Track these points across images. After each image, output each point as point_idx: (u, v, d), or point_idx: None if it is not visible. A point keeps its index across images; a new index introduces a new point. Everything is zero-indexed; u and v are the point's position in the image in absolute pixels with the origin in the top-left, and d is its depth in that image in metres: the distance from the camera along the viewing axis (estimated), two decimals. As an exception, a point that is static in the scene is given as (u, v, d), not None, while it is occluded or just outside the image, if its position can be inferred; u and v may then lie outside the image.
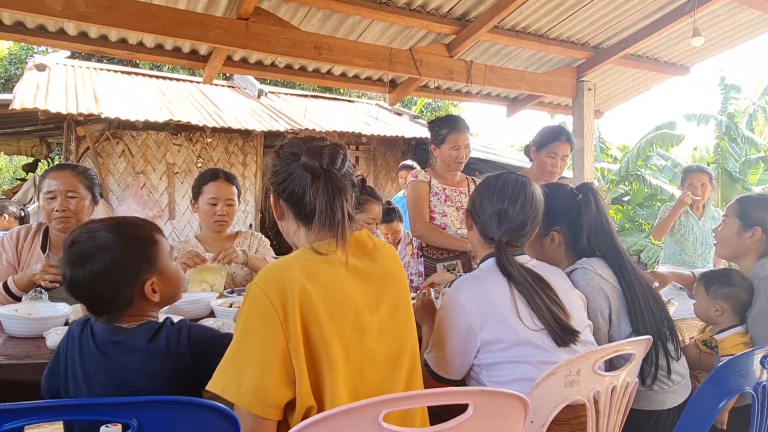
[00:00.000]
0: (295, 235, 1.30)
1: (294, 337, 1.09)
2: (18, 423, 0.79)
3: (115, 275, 1.18)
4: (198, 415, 0.87)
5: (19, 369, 1.34)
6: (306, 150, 1.26)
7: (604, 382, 1.31)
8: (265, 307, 1.09)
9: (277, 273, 1.15)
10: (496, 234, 1.52)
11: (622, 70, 5.51)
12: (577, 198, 1.77)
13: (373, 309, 1.21)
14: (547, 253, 1.78)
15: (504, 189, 1.55)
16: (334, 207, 1.22)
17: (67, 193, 2.07)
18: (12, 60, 14.53)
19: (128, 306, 1.21)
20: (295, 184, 1.25)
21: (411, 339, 1.29)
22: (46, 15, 3.44)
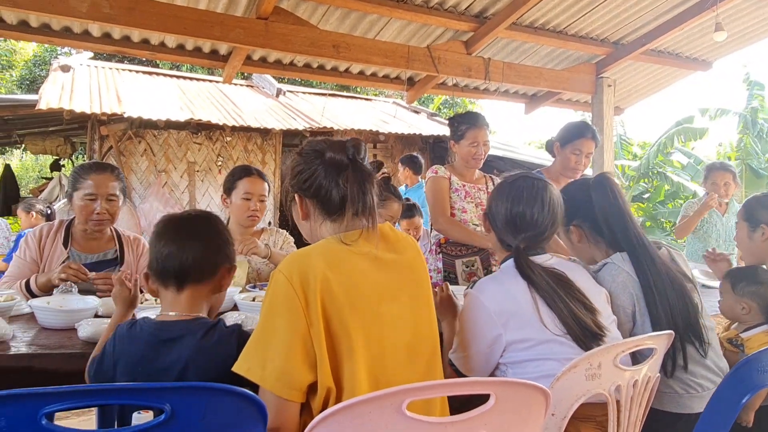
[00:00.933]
0: (320, 232, 1.33)
1: (315, 323, 1.12)
2: (56, 407, 0.83)
3: (215, 244, 1.34)
4: (228, 402, 0.90)
5: (53, 358, 1.39)
6: (329, 146, 1.31)
7: (626, 376, 1.31)
8: (288, 292, 1.13)
9: (299, 260, 1.18)
10: (512, 241, 1.51)
11: (643, 66, 5.45)
12: (588, 190, 1.74)
13: (393, 299, 1.24)
14: (575, 248, 1.78)
15: (519, 194, 1.53)
16: (365, 192, 1.27)
17: (108, 197, 2.14)
18: (36, 62, 14.85)
19: (208, 278, 1.32)
20: (322, 178, 1.29)
21: (430, 331, 1.31)
22: (71, 17, 3.52)
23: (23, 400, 0.82)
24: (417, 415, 0.92)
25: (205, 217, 1.39)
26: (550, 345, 1.37)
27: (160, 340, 1.22)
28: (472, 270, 2.63)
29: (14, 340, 1.47)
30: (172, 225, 1.34)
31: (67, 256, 2.14)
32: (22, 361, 1.37)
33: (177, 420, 0.87)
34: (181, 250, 1.28)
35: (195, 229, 1.34)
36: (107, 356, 1.24)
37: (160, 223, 1.34)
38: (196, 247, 1.30)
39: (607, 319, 1.46)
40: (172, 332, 1.23)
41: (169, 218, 1.36)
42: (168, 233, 1.31)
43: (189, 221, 1.37)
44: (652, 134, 26.17)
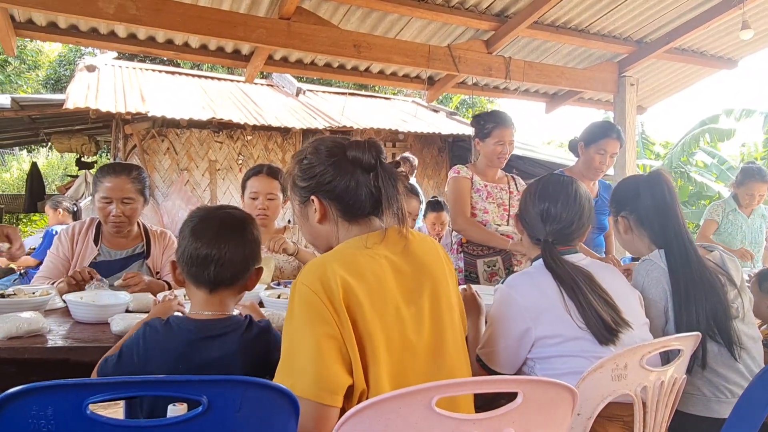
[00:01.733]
0: (338, 235, 1.29)
1: (346, 327, 1.12)
2: (101, 397, 0.86)
3: (250, 248, 1.33)
4: (263, 396, 0.92)
5: (89, 351, 1.43)
6: (349, 145, 1.27)
7: (652, 377, 1.31)
8: (314, 301, 1.12)
9: (318, 268, 1.16)
10: (541, 234, 1.56)
11: (666, 65, 5.38)
12: (639, 185, 1.80)
13: (411, 301, 1.22)
14: (623, 239, 1.85)
15: (544, 189, 1.59)
16: (398, 192, 1.25)
17: (123, 200, 2.18)
18: (61, 62, 15.15)
19: (241, 281, 1.33)
20: (347, 180, 1.25)
21: (452, 331, 1.28)
22: (99, 18, 3.59)
23: (70, 390, 0.85)
24: (446, 411, 0.94)
25: (241, 219, 1.35)
26: (579, 342, 1.38)
27: (201, 337, 1.23)
28: (493, 270, 2.63)
29: (51, 333, 1.52)
30: (211, 226, 1.31)
31: (98, 253, 2.20)
32: (59, 354, 1.42)
33: (213, 412, 0.89)
34: (219, 256, 1.27)
35: (233, 234, 1.31)
36: (135, 355, 1.24)
37: (196, 219, 1.32)
38: (234, 253, 1.28)
39: (636, 320, 1.46)
40: (214, 330, 1.25)
41: (207, 216, 1.33)
42: (206, 235, 1.29)
43: (227, 223, 1.32)
44: (674, 134, 25.79)
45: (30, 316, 1.50)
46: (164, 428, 0.89)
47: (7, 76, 14.26)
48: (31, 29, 3.98)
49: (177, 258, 1.33)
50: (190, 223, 1.32)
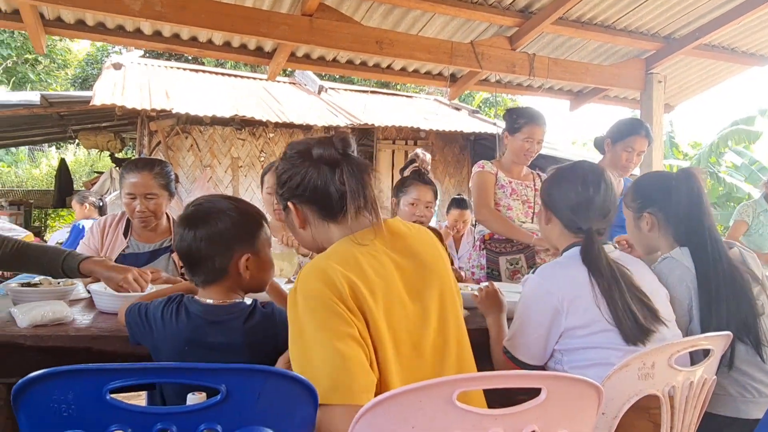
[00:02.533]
0: (325, 237, 1.26)
1: (359, 323, 1.09)
2: (121, 383, 0.86)
3: (222, 239, 1.28)
4: (281, 385, 0.92)
5: (111, 340, 1.44)
6: (315, 143, 1.23)
7: (680, 377, 1.27)
8: (325, 300, 1.08)
9: (317, 271, 1.12)
10: (584, 223, 1.50)
11: (695, 61, 5.25)
12: (671, 182, 1.74)
13: (416, 297, 1.20)
14: (643, 236, 1.79)
15: (585, 176, 1.53)
16: (364, 185, 1.20)
17: (146, 195, 2.19)
18: (89, 61, 15.47)
19: (221, 275, 1.28)
20: (315, 180, 1.21)
21: (456, 325, 1.25)
22: (125, 15, 3.64)
23: (90, 375, 0.86)
24: (467, 406, 0.92)
25: (208, 210, 1.31)
26: (607, 334, 1.35)
27: (207, 321, 1.25)
28: (516, 268, 2.60)
29: (74, 322, 1.54)
30: (184, 220, 1.32)
31: (126, 246, 2.23)
32: (82, 342, 1.43)
33: (232, 400, 0.89)
34: (193, 251, 1.28)
35: (201, 227, 1.28)
36: (154, 328, 1.27)
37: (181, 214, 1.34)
38: (204, 247, 1.27)
39: (666, 318, 1.43)
40: (218, 316, 1.26)
41: (186, 209, 1.35)
42: (180, 227, 1.31)
43: (195, 215, 1.31)
44: (703, 133, 25.20)
45: (55, 305, 1.52)
46: (183, 415, 0.89)
47: (37, 75, 14.61)
48: (59, 27, 4.06)
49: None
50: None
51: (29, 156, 15.15)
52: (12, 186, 12.05)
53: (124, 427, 0.87)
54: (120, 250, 2.22)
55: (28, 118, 6.93)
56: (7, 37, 13.38)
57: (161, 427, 0.88)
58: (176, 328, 1.24)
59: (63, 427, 0.87)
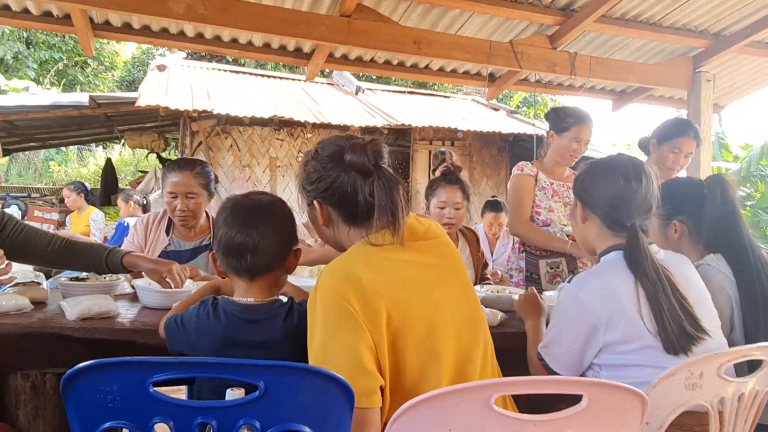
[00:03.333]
0: (345, 238, 1.29)
1: (375, 326, 1.12)
2: (163, 376, 0.88)
3: (285, 230, 1.32)
4: (319, 383, 0.92)
5: (155, 335, 1.47)
6: (349, 148, 1.25)
7: (730, 388, 1.21)
8: (340, 304, 1.11)
9: (341, 270, 1.16)
10: (627, 219, 1.40)
11: (746, 60, 5.03)
12: (702, 189, 1.68)
13: (442, 284, 1.25)
14: (670, 244, 1.71)
15: (626, 168, 1.44)
16: (394, 201, 1.22)
17: (187, 194, 2.25)
18: (134, 63, 15.98)
19: (274, 268, 1.31)
20: (344, 185, 1.24)
21: (477, 306, 1.30)
22: (169, 18, 3.74)
23: (134, 368, 0.88)
24: (505, 411, 0.90)
25: (269, 204, 1.34)
26: (649, 351, 1.29)
27: (245, 320, 1.26)
28: (556, 272, 2.54)
29: (119, 316, 1.59)
30: (240, 214, 1.30)
31: (168, 243, 2.30)
32: (127, 335, 1.48)
33: (271, 397, 0.90)
34: (253, 244, 1.26)
35: (263, 220, 1.30)
36: (191, 330, 1.28)
37: (227, 210, 1.32)
38: (266, 238, 1.28)
39: (713, 324, 1.37)
40: (257, 314, 1.27)
41: (235, 205, 1.33)
42: (236, 223, 1.29)
43: (256, 209, 1.32)
44: (755, 134, 24.17)
45: (101, 299, 1.57)
46: (223, 410, 0.91)
47: (86, 77, 15.18)
48: (107, 30, 4.21)
49: (215, 250, 1.35)
50: (222, 213, 1.33)
51: (77, 155, 15.77)
52: (62, 184, 12.58)
53: (166, 420, 0.89)
54: (162, 248, 2.28)
55: (78, 119, 7.21)
56: (58, 41, 13.96)
57: (201, 420, 0.89)
58: (213, 329, 1.25)
59: (108, 417, 0.90)
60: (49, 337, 1.46)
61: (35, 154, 14.17)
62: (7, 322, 1.46)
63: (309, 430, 0.92)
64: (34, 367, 1.50)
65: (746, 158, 9.63)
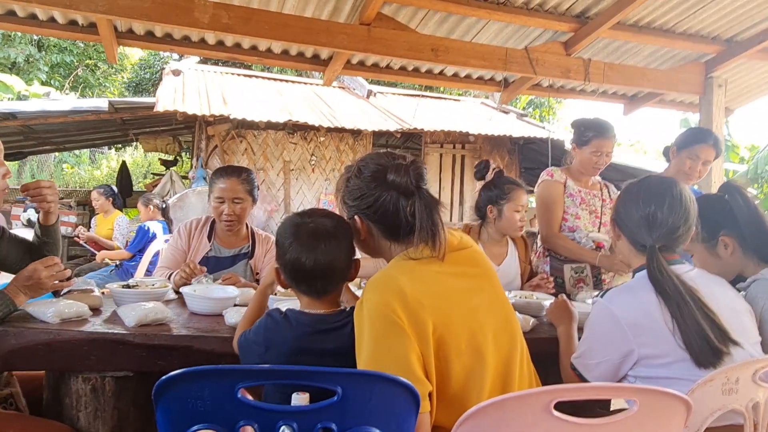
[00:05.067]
0: (385, 251, 1.37)
1: (421, 335, 1.19)
2: (251, 383, 0.96)
3: (352, 249, 1.38)
4: (391, 389, 1.00)
5: (209, 340, 1.56)
6: (391, 168, 1.32)
7: (765, 392, 1.28)
8: (386, 315, 1.18)
9: (386, 284, 1.24)
10: (647, 240, 1.47)
11: (757, 65, 5.08)
12: (724, 199, 1.70)
13: (480, 291, 1.33)
14: (726, 263, 1.70)
15: (648, 191, 1.51)
16: (434, 221, 1.29)
17: (234, 200, 2.33)
18: (142, 65, 16.08)
19: (345, 279, 1.39)
20: (387, 204, 1.31)
21: (510, 324, 1.36)
22: (195, 28, 3.82)
23: (225, 376, 0.95)
24: (564, 415, 0.98)
25: (334, 227, 1.36)
26: (682, 365, 1.33)
27: (316, 330, 1.32)
28: (581, 276, 2.61)
29: (173, 322, 1.66)
30: (307, 238, 1.33)
31: (210, 249, 2.38)
32: (184, 341, 1.55)
33: (346, 401, 0.97)
34: (323, 270, 1.31)
35: (331, 245, 1.33)
36: (262, 341, 1.33)
37: (291, 233, 1.35)
38: (335, 262, 1.33)
39: (747, 338, 1.41)
40: (327, 324, 1.33)
41: (300, 226, 1.35)
42: (305, 247, 1.31)
43: (325, 235, 1.34)
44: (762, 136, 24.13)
45: (155, 306, 1.65)
46: (303, 414, 0.98)
47: (96, 80, 15.31)
48: (131, 38, 4.29)
49: (280, 267, 1.38)
50: (288, 236, 1.35)
51: (90, 158, 15.91)
52: (76, 186, 12.70)
53: (251, 423, 0.97)
54: (204, 253, 2.36)
55: (94, 123, 7.32)
56: (69, 44, 14.09)
57: (283, 423, 0.97)
58: (283, 340, 1.30)
59: (198, 421, 0.97)
60: (110, 342, 1.54)
61: (48, 157, 14.31)
62: (71, 329, 1.54)
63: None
64: (94, 371, 1.57)
65: (753, 160, 9.66)
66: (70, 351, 1.52)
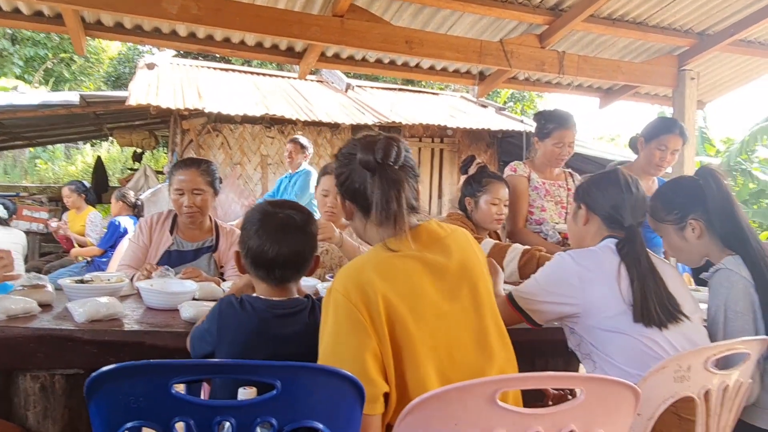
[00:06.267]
0: (365, 233, 1.36)
1: (382, 335, 1.16)
2: (185, 378, 0.93)
3: (312, 247, 1.40)
4: (333, 382, 0.97)
5: (162, 336, 1.52)
6: (361, 146, 1.30)
7: (716, 380, 1.28)
8: (350, 310, 1.16)
9: (354, 276, 1.20)
10: (627, 220, 1.61)
11: (729, 57, 5.14)
12: (698, 183, 1.71)
13: (453, 298, 1.25)
14: (692, 246, 1.72)
15: (626, 181, 1.66)
16: (389, 199, 1.25)
17: (193, 191, 2.29)
18: (121, 60, 15.81)
19: (304, 272, 1.40)
20: (355, 181, 1.31)
21: (495, 323, 1.31)
22: (163, 18, 3.74)
23: (158, 371, 0.92)
24: (509, 405, 0.96)
25: (302, 221, 1.38)
26: (623, 318, 1.45)
27: (273, 315, 1.31)
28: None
29: (126, 317, 1.62)
30: (274, 229, 1.34)
31: (172, 242, 2.33)
32: (136, 337, 1.51)
33: (286, 395, 0.95)
34: (284, 259, 1.33)
35: (295, 236, 1.35)
36: (215, 329, 1.31)
37: (258, 221, 1.36)
38: (296, 253, 1.35)
39: (692, 314, 1.52)
40: (284, 309, 1.32)
41: (269, 218, 1.36)
42: (270, 238, 1.33)
43: (290, 226, 1.36)
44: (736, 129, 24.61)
45: (108, 301, 1.60)
46: (241, 409, 0.95)
47: (72, 74, 15.01)
48: (99, 29, 4.19)
49: (242, 254, 1.38)
50: (254, 223, 1.36)
51: (65, 153, 15.60)
52: (49, 182, 12.44)
53: (187, 419, 0.94)
54: (166, 247, 2.31)
55: (66, 117, 7.16)
56: (44, 38, 13.79)
57: (220, 419, 0.94)
58: (242, 323, 1.29)
59: (131, 418, 0.94)
60: (57, 339, 1.49)
61: (21, 152, 14.01)
62: (17, 325, 1.49)
63: (323, 427, 0.97)
64: (43, 369, 1.53)
65: (726, 152, 9.81)
66: (16, 348, 1.47)
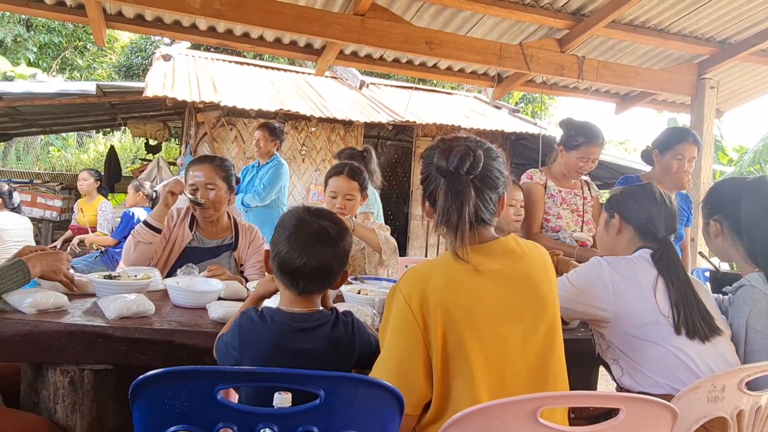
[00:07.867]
0: (444, 235, 1.33)
1: (434, 344, 1.16)
2: (230, 385, 0.93)
3: (342, 261, 1.35)
4: (373, 393, 0.98)
5: (191, 335, 1.53)
6: (439, 150, 1.29)
7: (749, 400, 1.28)
8: (407, 314, 1.18)
9: (420, 280, 1.20)
10: (660, 231, 1.64)
11: (749, 67, 5.11)
12: (742, 188, 1.71)
13: (515, 319, 1.21)
14: (712, 244, 1.79)
15: (660, 194, 1.71)
16: (450, 210, 1.24)
17: (207, 186, 2.29)
18: (133, 49, 15.82)
19: (330, 285, 1.37)
20: (431, 183, 1.31)
21: (557, 352, 1.26)
22: (186, 12, 3.75)
23: (203, 376, 0.93)
24: (550, 422, 0.96)
25: (336, 234, 1.34)
26: (659, 328, 1.47)
27: (293, 329, 1.28)
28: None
29: (155, 315, 1.63)
30: (306, 239, 1.30)
31: (192, 238, 2.33)
32: (165, 335, 1.52)
33: (328, 405, 0.95)
34: (310, 270, 1.28)
35: (327, 249, 1.31)
36: (237, 342, 1.29)
37: (293, 226, 1.32)
38: (325, 266, 1.31)
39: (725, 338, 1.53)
40: (305, 323, 1.30)
41: (303, 226, 1.33)
42: (300, 247, 1.29)
43: (323, 238, 1.31)
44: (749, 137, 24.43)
45: (138, 299, 1.61)
46: (284, 417, 0.96)
47: (85, 62, 15.05)
48: (120, 21, 4.21)
49: (271, 255, 1.35)
50: (288, 228, 1.33)
51: (77, 141, 15.66)
52: (62, 169, 12.51)
53: (230, 425, 0.94)
54: (186, 242, 2.32)
55: (81, 106, 7.18)
56: (58, 25, 13.82)
57: (263, 426, 0.95)
58: (261, 336, 1.27)
59: (174, 422, 0.95)
60: (89, 335, 1.50)
61: (34, 138, 14.07)
62: (49, 320, 1.50)
63: (362, 436, 0.97)
64: (72, 363, 1.54)
65: (739, 162, 9.74)
66: (47, 342, 1.48)
